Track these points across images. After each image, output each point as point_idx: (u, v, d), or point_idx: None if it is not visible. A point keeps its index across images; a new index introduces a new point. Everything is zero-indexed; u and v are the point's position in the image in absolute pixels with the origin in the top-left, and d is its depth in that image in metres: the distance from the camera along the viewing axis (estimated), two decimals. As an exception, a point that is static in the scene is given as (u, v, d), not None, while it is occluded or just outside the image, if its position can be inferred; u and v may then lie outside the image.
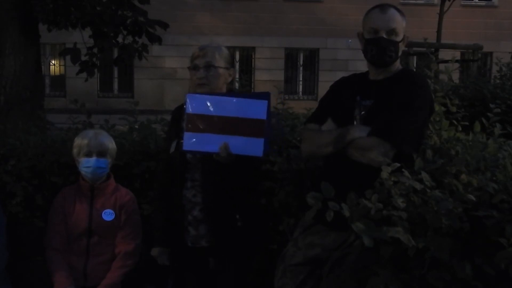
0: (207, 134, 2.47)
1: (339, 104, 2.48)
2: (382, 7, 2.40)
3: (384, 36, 2.36)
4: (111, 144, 2.99)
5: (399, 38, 2.38)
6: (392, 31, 2.36)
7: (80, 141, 2.97)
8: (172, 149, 2.69)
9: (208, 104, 2.48)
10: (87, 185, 2.98)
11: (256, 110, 2.46)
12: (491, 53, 18.22)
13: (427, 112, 2.38)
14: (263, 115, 2.45)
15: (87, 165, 2.93)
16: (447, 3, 12.27)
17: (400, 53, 2.40)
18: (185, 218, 2.67)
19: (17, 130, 3.66)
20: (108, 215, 2.95)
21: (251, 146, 2.45)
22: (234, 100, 2.49)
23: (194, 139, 2.47)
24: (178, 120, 2.72)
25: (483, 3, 19.87)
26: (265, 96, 2.49)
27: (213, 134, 2.46)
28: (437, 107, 2.64)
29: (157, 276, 3.17)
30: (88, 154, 2.93)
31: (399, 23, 2.38)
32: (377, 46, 2.37)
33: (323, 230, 2.38)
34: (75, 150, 2.98)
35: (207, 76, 2.63)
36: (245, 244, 2.69)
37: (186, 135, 2.48)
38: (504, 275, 1.74)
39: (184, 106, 2.54)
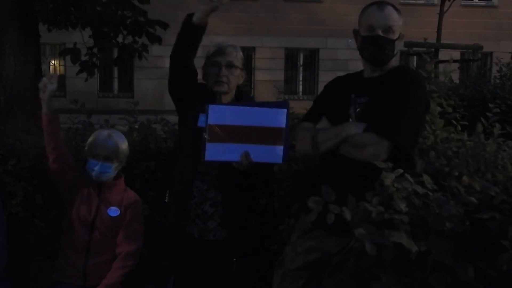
0: (228, 144, 2.52)
1: (333, 102, 2.47)
2: (380, 4, 2.38)
3: (381, 34, 2.34)
4: (123, 147, 2.97)
5: (395, 36, 2.36)
6: (389, 29, 2.34)
7: (91, 141, 2.96)
8: (201, 123, 2.65)
9: (228, 114, 2.54)
10: (96, 181, 2.99)
11: (275, 118, 2.53)
12: (491, 53, 18.23)
13: (423, 108, 2.37)
14: (282, 124, 2.53)
15: (92, 167, 2.93)
16: (447, 3, 12.31)
17: (396, 51, 2.39)
18: (193, 210, 2.69)
19: (17, 130, 3.66)
20: (113, 211, 2.96)
21: (271, 153, 2.54)
22: (254, 110, 2.56)
23: (216, 149, 2.52)
24: (201, 96, 2.71)
25: (483, 3, 19.87)
26: (284, 105, 2.58)
27: (234, 143, 2.52)
28: (433, 107, 2.64)
29: (157, 276, 3.17)
30: (95, 157, 2.92)
31: (396, 21, 2.36)
32: (374, 44, 2.35)
33: (323, 235, 2.36)
34: (86, 148, 2.99)
35: (228, 75, 2.67)
36: (254, 242, 2.74)
37: (208, 145, 2.52)
38: (507, 277, 1.74)
39: (206, 117, 2.54)
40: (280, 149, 2.52)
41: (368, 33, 2.37)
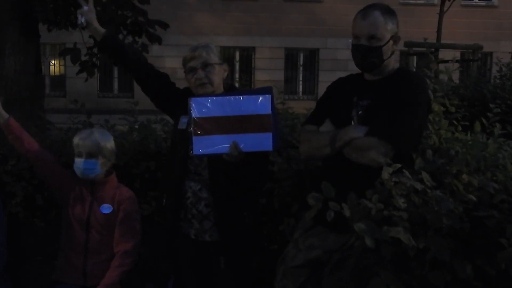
0: (215, 136, 2.48)
1: (336, 105, 2.48)
2: (365, 12, 2.37)
3: (365, 43, 2.34)
4: (105, 143, 2.97)
5: (381, 43, 2.33)
6: (372, 37, 2.33)
7: (75, 140, 2.99)
8: (182, 125, 2.68)
9: (212, 105, 2.49)
10: (88, 179, 2.99)
11: (260, 105, 2.48)
12: (491, 53, 18.24)
13: (425, 111, 2.38)
14: (268, 110, 2.47)
15: (77, 165, 2.95)
16: (447, 3, 12.30)
17: (387, 56, 2.37)
18: (189, 210, 2.69)
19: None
20: (105, 208, 2.96)
21: (261, 141, 2.48)
22: (238, 99, 2.50)
23: (203, 143, 2.48)
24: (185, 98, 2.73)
25: (483, 3, 19.87)
26: (268, 90, 2.51)
27: (221, 135, 2.48)
28: (436, 107, 2.64)
29: (157, 276, 3.17)
30: (79, 155, 2.94)
31: (381, 27, 2.33)
32: (358, 53, 2.37)
33: (324, 232, 2.37)
34: (74, 149, 3.00)
35: (207, 75, 2.67)
36: (250, 242, 2.73)
37: (195, 139, 2.48)
38: (505, 276, 1.74)
39: (189, 111, 2.52)
40: (269, 136, 2.47)
41: (354, 42, 2.39)
